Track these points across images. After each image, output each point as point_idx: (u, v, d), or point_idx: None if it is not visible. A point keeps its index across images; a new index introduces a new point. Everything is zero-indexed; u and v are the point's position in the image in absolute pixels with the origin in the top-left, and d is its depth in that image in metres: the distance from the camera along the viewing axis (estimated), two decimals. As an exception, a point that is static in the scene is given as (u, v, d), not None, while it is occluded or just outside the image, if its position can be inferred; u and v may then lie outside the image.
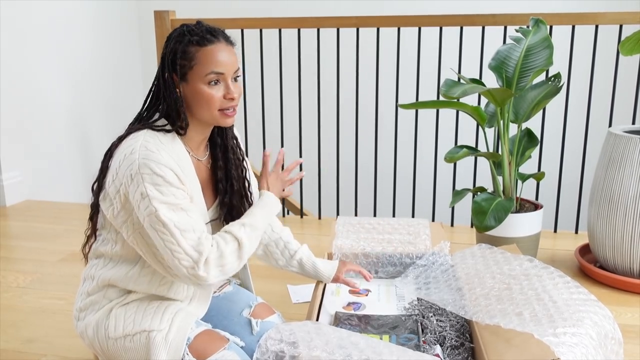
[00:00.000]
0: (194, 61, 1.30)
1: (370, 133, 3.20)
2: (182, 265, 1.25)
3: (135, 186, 1.25)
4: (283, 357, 1.00)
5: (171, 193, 1.26)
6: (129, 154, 1.27)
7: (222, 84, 1.32)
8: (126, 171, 1.26)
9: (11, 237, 2.97)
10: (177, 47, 1.31)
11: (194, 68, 1.31)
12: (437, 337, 1.39)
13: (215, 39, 1.32)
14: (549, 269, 1.39)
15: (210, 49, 1.31)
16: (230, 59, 1.33)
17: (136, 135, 1.32)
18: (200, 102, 1.32)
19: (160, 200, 1.24)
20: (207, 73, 1.30)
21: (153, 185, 1.24)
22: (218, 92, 1.32)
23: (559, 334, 1.05)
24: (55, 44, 3.80)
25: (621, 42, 2.24)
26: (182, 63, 1.31)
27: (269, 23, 3.06)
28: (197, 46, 1.30)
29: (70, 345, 1.85)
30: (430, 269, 1.68)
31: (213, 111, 1.33)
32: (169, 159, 1.28)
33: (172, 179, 1.26)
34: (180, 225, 1.25)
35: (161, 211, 1.24)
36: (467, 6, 3.75)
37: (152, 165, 1.25)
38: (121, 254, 1.39)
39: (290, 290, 2.22)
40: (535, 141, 2.44)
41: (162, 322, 1.33)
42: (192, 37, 1.31)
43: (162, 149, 1.29)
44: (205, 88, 1.31)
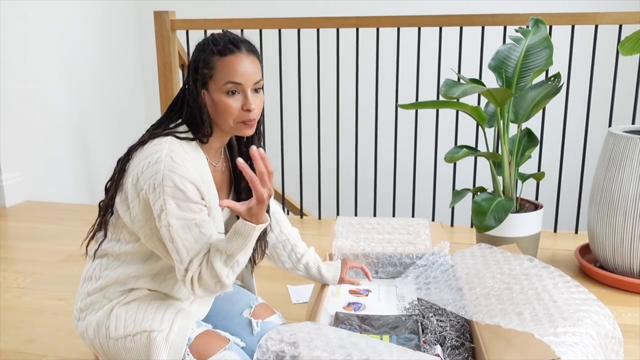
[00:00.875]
0: (214, 70, 1.31)
1: (370, 133, 3.20)
2: (178, 275, 1.31)
3: (157, 197, 1.26)
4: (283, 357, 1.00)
5: (189, 208, 1.28)
6: (154, 162, 1.28)
7: (241, 95, 1.32)
8: (149, 179, 1.27)
9: (11, 238, 2.97)
10: (200, 55, 1.33)
11: (214, 77, 1.32)
12: (438, 337, 1.39)
13: (237, 49, 1.32)
14: (549, 268, 1.39)
15: (230, 59, 1.31)
16: (251, 69, 1.32)
17: (160, 142, 1.32)
18: (219, 112, 1.33)
19: (177, 216, 1.26)
20: (225, 82, 1.31)
21: (173, 199, 1.26)
22: (236, 102, 1.32)
23: (560, 334, 1.05)
24: (55, 45, 3.81)
25: (621, 42, 2.24)
26: (203, 72, 1.32)
27: (269, 23, 3.07)
28: (218, 55, 1.31)
29: (70, 345, 1.85)
30: (431, 269, 1.68)
31: (231, 121, 1.33)
32: (193, 172, 1.29)
33: (193, 195, 1.28)
34: (188, 244, 1.28)
35: (174, 227, 1.27)
36: (467, 6, 3.75)
37: (175, 179, 1.26)
38: (130, 253, 1.39)
39: (290, 290, 2.22)
40: (535, 141, 2.44)
41: (162, 323, 1.33)
42: (214, 47, 1.32)
43: (187, 161, 1.29)
44: (223, 98, 1.31)
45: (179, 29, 3.11)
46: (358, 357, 0.95)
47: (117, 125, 4.25)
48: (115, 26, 4.45)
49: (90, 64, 4.15)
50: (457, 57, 2.95)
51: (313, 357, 0.97)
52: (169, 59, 3.08)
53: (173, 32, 3.09)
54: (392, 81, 3.07)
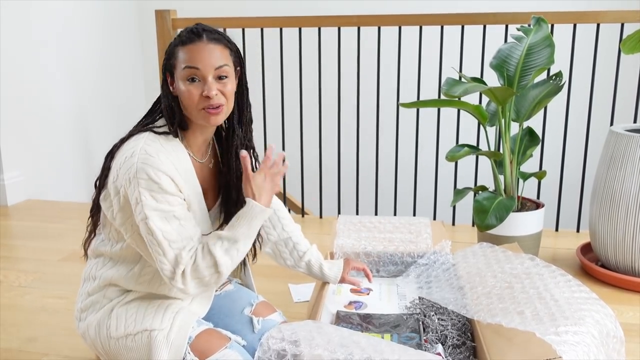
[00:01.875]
0: (176, 59, 1.33)
1: (371, 132, 3.20)
2: (165, 275, 1.28)
3: (132, 190, 1.27)
4: (285, 355, 1.00)
5: (165, 200, 1.27)
6: (129, 156, 1.29)
7: (199, 83, 1.32)
8: (125, 174, 1.28)
9: (13, 237, 2.97)
10: (169, 49, 1.35)
11: (176, 66, 1.33)
12: (439, 336, 1.39)
13: (197, 37, 1.33)
14: (550, 267, 1.39)
15: (189, 47, 1.32)
16: (211, 55, 1.32)
17: (138, 137, 1.33)
18: (182, 100, 1.33)
19: (153, 207, 1.26)
20: (184, 68, 1.31)
21: (148, 191, 1.26)
22: (196, 89, 1.31)
23: (561, 333, 1.05)
24: (56, 44, 3.81)
25: (623, 40, 2.24)
26: (168, 63, 1.35)
27: (270, 22, 3.06)
28: (180, 45, 1.33)
29: (71, 344, 1.85)
30: (432, 268, 1.68)
31: (194, 109, 1.33)
32: (168, 164, 1.29)
33: (168, 186, 1.27)
34: (169, 235, 1.27)
35: (152, 219, 1.25)
36: (469, 5, 3.74)
37: (149, 170, 1.26)
38: (121, 254, 1.39)
39: (291, 289, 2.22)
40: (536, 140, 2.44)
41: (163, 322, 1.33)
42: (178, 38, 1.34)
43: (162, 153, 1.29)
44: (184, 85, 1.32)
45: (180, 27, 3.10)
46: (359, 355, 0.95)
47: (118, 124, 4.25)
48: (117, 25, 4.45)
49: (92, 63, 4.15)
50: (459, 56, 2.95)
51: (314, 355, 0.97)
52: (170, 58, 3.07)
53: (174, 31, 3.09)
54: (393, 80, 3.07)
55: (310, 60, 3.18)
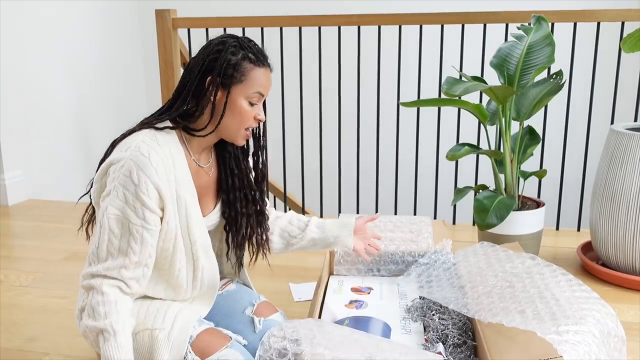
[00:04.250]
0: (245, 77, 1.34)
1: (372, 131, 3.20)
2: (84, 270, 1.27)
3: (111, 180, 1.26)
4: (286, 354, 1.00)
5: (134, 207, 1.25)
6: (124, 150, 1.28)
7: (257, 106, 1.38)
8: (116, 167, 1.27)
9: (14, 236, 2.97)
10: (231, 57, 1.33)
11: (244, 83, 1.34)
12: (440, 335, 1.39)
13: (267, 63, 1.38)
14: (551, 266, 1.39)
15: (263, 71, 1.36)
16: (270, 85, 1.40)
17: (137, 133, 1.32)
18: (235, 115, 1.35)
19: (118, 206, 1.24)
20: (255, 92, 1.35)
21: (122, 188, 1.24)
22: (253, 111, 1.37)
23: (562, 332, 1.05)
24: (56, 44, 3.81)
25: (623, 39, 2.23)
26: (232, 74, 1.33)
27: (270, 22, 3.06)
28: (252, 64, 1.35)
29: (72, 344, 1.85)
30: (433, 267, 1.68)
31: (241, 127, 1.37)
32: (158, 166, 1.26)
33: (146, 201, 1.25)
34: (112, 238, 1.25)
35: (109, 215, 1.24)
36: (469, 4, 3.74)
37: (133, 171, 1.24)
38: None
39: (292, 288, 2.22)
40: (537, 139, 2.44)
41: (164, 321, 1.33)
42: (248, 53, 1.34)
43: (155, 153, 1.27)
44: (245, 104, 1.35)
45: (181, 27, 3.11)
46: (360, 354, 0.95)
47: (119, 124, 4.23)
48: (117, 24, 4.45)
49: (92, 63, 4.15)
50: (459, 55, 2.95)
51: (315, 354, 0.97)
52: (171, 57, 3.08)
53: (175, 31, 3.09)
54: (393, 79, 3.07)
55: (310, 59, 3.18)
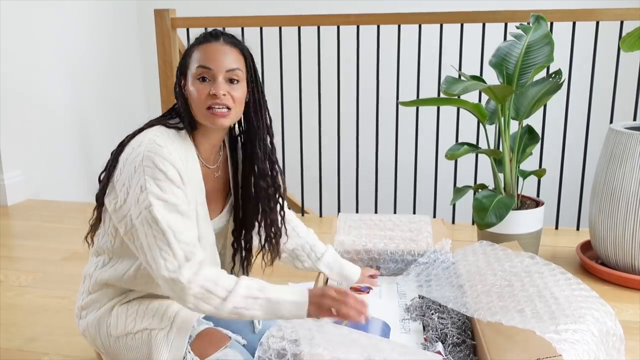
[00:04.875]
0: (190, 58, 1.34)
1: (371, 130, 3.20)
2: (166, 267, 1.21)
3: (137, 179, 1.24)
4: (285, 354, 1.00)
5: (171, 191, 1.24)
6: (137, 146, 1.28)
7: (210, 82, 1.31)
8: (131, 163, 1.26)
9: (13, 236, 2.97)
10: (185, 50, 1.37)
11: (189, 65, 1.34)
12: (439, 335, 1.39)
13: (214, 39, 1.34)
14: (550, 265, 1.39)
15: (204, 46, 1.33)
16: (225, 57, 1.32)
17: (147, 130, 1.33)
18: (192, 98, 1.33)
19: (158, 196, 1.22)
20: (197, 67, 1.31)
21: (153, 180, 1.23)
22: (205, 88, 1.31)
23: (561, 331, 1.05)
24: (55, 44, 3.80)
25: (622, 38, 2.24)
26: (183, 62, 1.36)
27: (269, 21, 3.06)
28: (195, 46, 1.34)
29: (72, 343, 1.85)
30: (432, 266, 1.68)
31: (201, 108, 1.31)
32: (175, 156, 1.27)
33: (174, 177, 1.25)
34: (174, 226, 1.22)
35: (156, 207, 1.21)
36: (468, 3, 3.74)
37: (156, 159, 1.24)
38: (120, 253, 1.38)
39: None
40: (536, 138, 2.44)
41: (163, 321, 1.33)
42: (196, 40, 1.35)
43: (170, 145, 1.28)
44: (195, 84, 1.32)
45: (180, 27, 3.11)
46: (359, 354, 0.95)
47: (118, 124, 4.25)
48: (116, 24, 4.45)
49: (91, 62, 4.15)
50: (458, 54, 2.95)
51: (314, 354, 0.97)
52: (170, 57, 3.08)
53: (174, 30, 3.09)
54: (392, 78, 3.07)
55: (309, 59, 3.18)
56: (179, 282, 1.20)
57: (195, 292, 1.20)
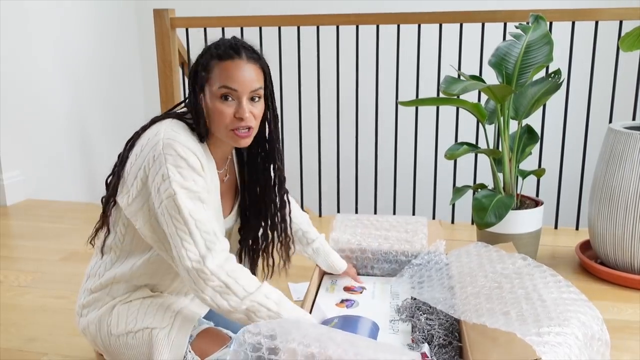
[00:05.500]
0: (211, 74, 1.29)
1: (370, 130, 3.20)
2: (188, 257, 1.20)
3: (157, 167, 1.22)
4: (260, 348, 1.00)
5: (192, 179, 1.23)
6: (153, 136, 1.26)
7: (235, 102, 1.29)
8: (149, 153, 1.24)
9: (12, 237, 2.98)
10: (201, 59, 1.31)
11: (210, 81, 1.29)
12: (426, 336, 1.39)
13: (236, 55, 1.30)
14: (541, 267, 1.38)
15: (227, 64, 1.29)
16: (249, 76, 1.29)
17: (161, 122, 1.31)
18: (212, 117, 1.30)
19: (181, 184, 1.21)
20: (220, 87, 1.28)
21: (175, 167, 1.22)
22: (229, 108, 1.29)
23: (543, 334, 1.05)
24: (54, 44, 3.81)
25: (621, 38, 2.23)
26: (201, 75, 1.30)
27: (269, 21, 3.06)
28: (217, 59, 1.29)
29: (71, 344, 1.86)
30: (426, 267, 1.69)
31: (223, 128, 1.30)
32: (194, 144, 1.26)
33: (195, 164, 1.24)
34: (195, 215, 1.21)
35: (179, 195, 1.20)
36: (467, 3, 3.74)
37: (176, 146, 1.23)
38: (129, 249, 1.38)
39: (291, 287, 2.22)
40: (535, 138, 2.43)
41: (164, 320, 1.33)
42: (215, 50, 1.30)
43: (188, 134, 1.28)
44: (217, 103, 1.29)
45: (179, 26, 3.11)
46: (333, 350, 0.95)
47: (117, 124, 4.25)
48: (115, 24, 4.45)
49: (90, 62, 4.16)
50: (457, 54, 2.95)
51: (288, 349, 0.97)
52: (169, 57, 3.08)
53: (173, 30, 3.09)
54: (392, 78, 3.07)
55: (309, 58, 3.18)
56: (202, 272, 1.19)
57: (215, 285, 1.20)
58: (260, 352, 0.98)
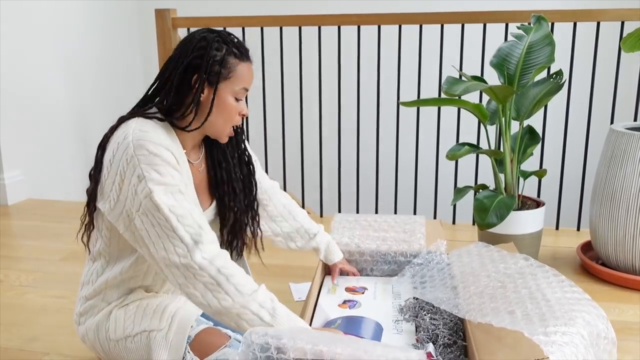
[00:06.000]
0: (232, 73, 1.33)
1: (372, 131, 3.19)
2: (176, 253, 1.19)
3: (132, 170, 1.22)
4: (268, 348, 1.00)
5: (169, 174, 1.23)
6: (122, 140, 1.26)
7: (241, 101, 1.37)
8: (122, 157, 1.24)
9: (13, 236, 2.98)
10: (216, 53, 1.31)
11: (230, 79, 1.33)
12: (430, 335, 1.38)
13: (249, 58, 1.37)
14: (543, 267, 1.38)
15: (248, 65, 1.36)
16: (253, 79, 1.40)
17: (127, 123, 1.31)
18: (221, 112, 1.34)
19: (157, 181, 1.21)
20: (241, 87, 1.35)
21: (150, 166, 1.21)
22: (238, 107, 1.36)
23: (550, 333, 1.05)
24: (55, 43, 3.81)
25: (623, 38, 2.23)
26: (219, 70, 1.31)
27: (270, 21, 3.06)
28: (237, 59, 1.34)
29: (72, 343, 1.85)
30: (427, 267, 1.68)
31: (227, 124, 1.36)
32: (164, 139, 1.26)
33: (170, 159, 1.24)
34: (176, 210, 1.21)
35: (156, 193, 1.20)
36: (469, 3, 3.74)
37: (147, 145, 1.23)
38: (117, 253, 1.38)
39: (291, 287, 2.22)
40: (537, 138, 2.43)
41: (161, 322, 1.33)
42: (232, 48, 1.33)
43: (157, 130, 1.28)
44: (232, 100, 1.34)
45: (181, 26, 3.11)
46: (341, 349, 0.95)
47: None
48: (117, 24, 4.46)
49: (92, 62, 4.16)
50: (459, 55, 2.94)
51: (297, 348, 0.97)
52: (171, 57, 3.08)
53: (174, 30, 3.09)
54: (393, 78, 3.07)
55: (310, 59, 3.18)
56: (191, 267, 1.19)
57: (206, 281, 1.19)
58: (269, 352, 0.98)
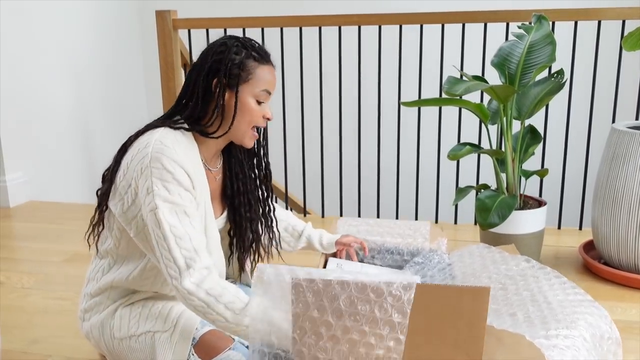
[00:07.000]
0: (251, 75, 1.34)
1: (373, 131, 3.19)
2: (168, 274, 1.22)
3: (144, 180, 1.24)
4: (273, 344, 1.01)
5: (177, 193, 1.24)
6: (143, 147, 1.27)
7: (264, 105, 1.37)
8: (137, 165, 1.26)
9: (15, 238, 2.98)
10: (235, 57, 1.33)
11: (250, 82, 1.34)
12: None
13: (270, 61, 1.39)
14: (545, 269, 1.38)
15: (269, 69, 1.37)
16: (275, 82, 1.40)
17: (153, 131, 1.32)
18: (244, 115, 1.35)
19: (164, 198, 1.22)
20: (262, 90, 1.35)
21: (160, 181, 1.23)
22: (261, 110, 1.37)
23: (551, 336, 1.04)
24: (57, 44, 3.81)
25: (624, 37, 2.22)
26: (238, 73, 1.33)
27: (271, 22, 3.06)
28: (256, 62, 1.35)
29: (75, 345, 1.85)
30: (427, 266, 1.68)
31: (249, 126, 1.37)
32: (183, 157, 1.27)
33: (182, 178, 1.25)
34: (177, 231, 1.22)
35: (161, 210, 1.22)
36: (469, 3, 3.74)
37: (163, 160, 1.24)
38: (125, 255, 1.39)
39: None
40: (538, 138, 2.43)
41: (166, 323, 1.33)
42: (251, 52, 1.35)
43: (178, 146, 1.28)
44: (253, 103, 1.35)
45: (181, 28, 3.11)
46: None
47: (119, 125, 4.26)
48: (118, 25, 4.46)
49: (93, 64, 4.16)
50: (460, 54, 2.94)
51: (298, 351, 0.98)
52: (171, 58, 3.08)
53: (175, 31, 3.09)
54: (394, 79, 3.06)
55: (310, 59, 3.18)
56: (181, 291, 1.21)
57: (196, 305, 1.20)
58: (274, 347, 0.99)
